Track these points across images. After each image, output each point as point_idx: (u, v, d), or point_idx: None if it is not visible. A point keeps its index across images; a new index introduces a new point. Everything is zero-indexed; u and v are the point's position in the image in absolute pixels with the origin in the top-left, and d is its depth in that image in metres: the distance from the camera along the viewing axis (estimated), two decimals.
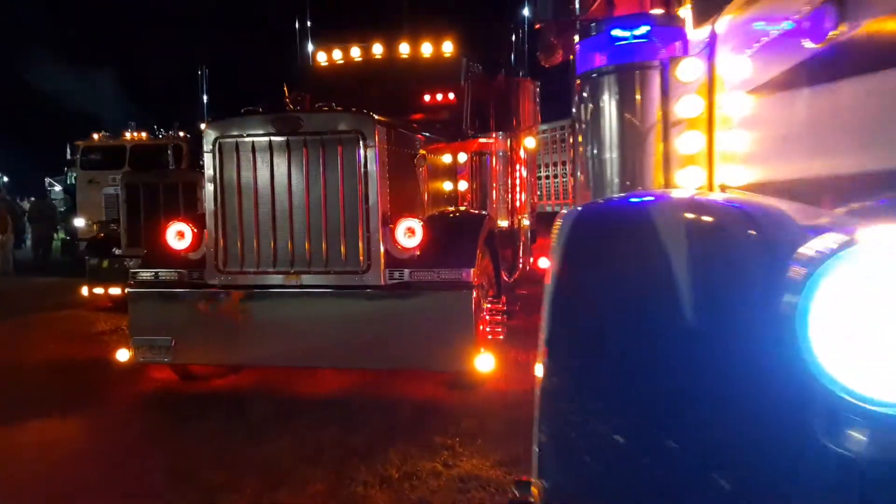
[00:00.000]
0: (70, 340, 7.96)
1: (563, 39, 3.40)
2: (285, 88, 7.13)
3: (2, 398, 5.67)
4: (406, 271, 4.94)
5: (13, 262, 17.07)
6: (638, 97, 2.70)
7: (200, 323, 5.26)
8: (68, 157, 18.30)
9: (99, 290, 10.31)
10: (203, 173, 10.76)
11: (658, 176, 2.72)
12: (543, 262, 9.12)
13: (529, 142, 7.22)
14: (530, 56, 7.16)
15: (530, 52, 7.16)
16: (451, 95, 7.05)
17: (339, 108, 5.06)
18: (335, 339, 4.99)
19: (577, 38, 2.92)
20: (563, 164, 14.93)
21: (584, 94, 2.91)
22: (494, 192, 6.84)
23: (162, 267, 5.42)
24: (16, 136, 38.42)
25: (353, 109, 5.03)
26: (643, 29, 2.71)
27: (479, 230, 5.18)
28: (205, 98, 15.99)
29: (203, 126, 5.36)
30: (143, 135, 15.96)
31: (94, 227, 11.71)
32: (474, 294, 4.80)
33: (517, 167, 7.21)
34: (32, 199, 20.89)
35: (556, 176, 14.97)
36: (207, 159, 5.25)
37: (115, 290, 10.18)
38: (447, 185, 6.57)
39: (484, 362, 4.77)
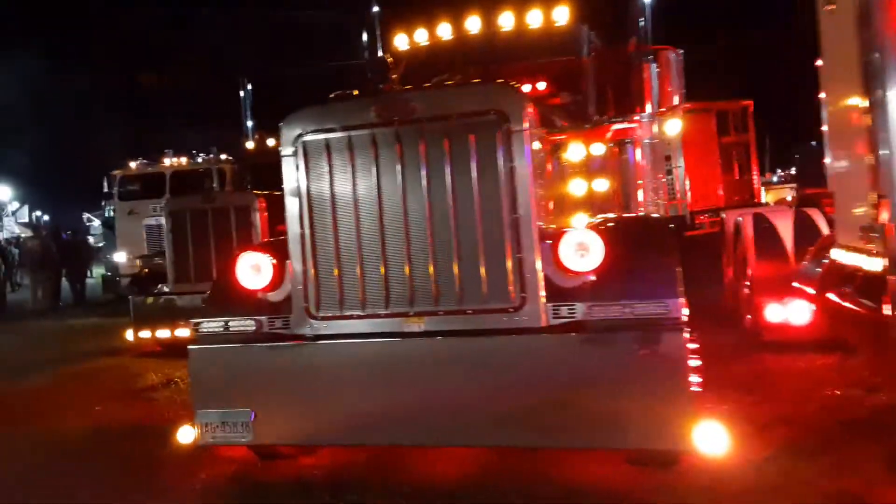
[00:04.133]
0: (116, 400, 6.66)
1: None
2: (389, 60, 5.70)
3: (41, 487, 4.37)
4: (579, 306, 3.46)
5: (47, 299, 16.17)
6: None
7: (289, 389, 3.86)
8: (105, 189, 17.36)
9: (145, 334, 9.09)
10: (255, 194, 9.56)
11: None
12: None
13: (672, 126, 5.72)
14: (667, 18, 5.67)
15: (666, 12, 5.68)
16: (570, 73, 5.59)
17: (472, 80, 3.63)
18: (476, 407, 3.53)
19: None
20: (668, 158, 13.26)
21: None
22: (641, 192, 5.34)
23: (233, 314, 4.04)
24: (53, 172, 38.28)
25: (498, 81, 3.60)
26: None
27: (674, 243, 3.68)
28: (248, 120, 14.80)
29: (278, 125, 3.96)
30: (183, 160, 14.86)
31: (137, 262, 10.54)
32: (686, 336, 3.29)
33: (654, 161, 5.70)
34: (69, 233, 20.11)
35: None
36: (288, 166, 3.87)
37: (163, 333, 8.97)
38: (578, 186, 5.08)
39: (709, 437, 3.24)
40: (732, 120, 12.64)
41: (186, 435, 4.06)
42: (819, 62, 4.58)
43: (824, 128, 4.73)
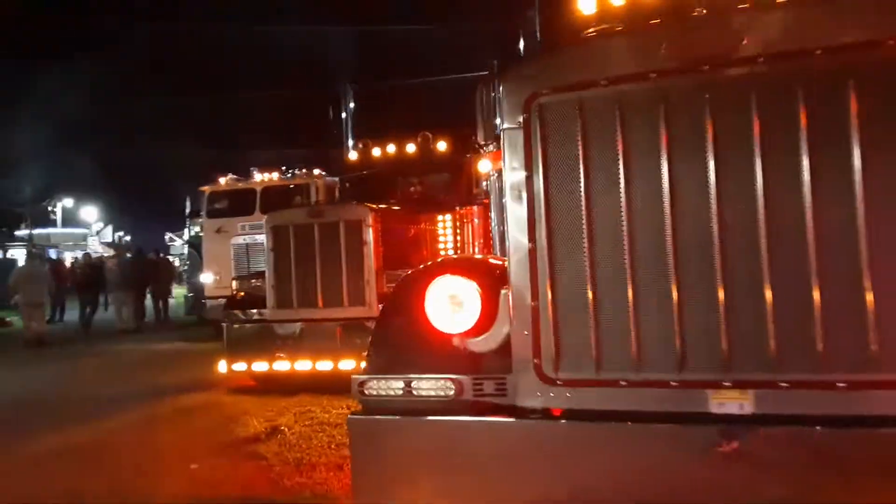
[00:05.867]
0: (216, 455, 5.41)
1: None
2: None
3: None
4: None
5: (131, 319, 15.68)
6: None
7: (507, 489, 2.44)
8: (188, 208, 16.80)
9: (240, 366, 7.97)
10: (368, 207, 8.28)
11: None
12: None
13: None
14: None
15: None
16: None
17: None
18: None
19: None
20: None
21: None
22: None
23: (418, 369, 2.66)
24: (136, 193, 39.18)
25: None
26: None
27: None
28: (350, 137, 13.69)
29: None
30: (275, 175, 13.97)
31: (233, 283, 9.52)
32: None
33: None
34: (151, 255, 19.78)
35: None
36: (512, 145, 2.49)
37: (260, 366, 7.82)
38: None
39: None
40: None
41: None
42: None
43: None
